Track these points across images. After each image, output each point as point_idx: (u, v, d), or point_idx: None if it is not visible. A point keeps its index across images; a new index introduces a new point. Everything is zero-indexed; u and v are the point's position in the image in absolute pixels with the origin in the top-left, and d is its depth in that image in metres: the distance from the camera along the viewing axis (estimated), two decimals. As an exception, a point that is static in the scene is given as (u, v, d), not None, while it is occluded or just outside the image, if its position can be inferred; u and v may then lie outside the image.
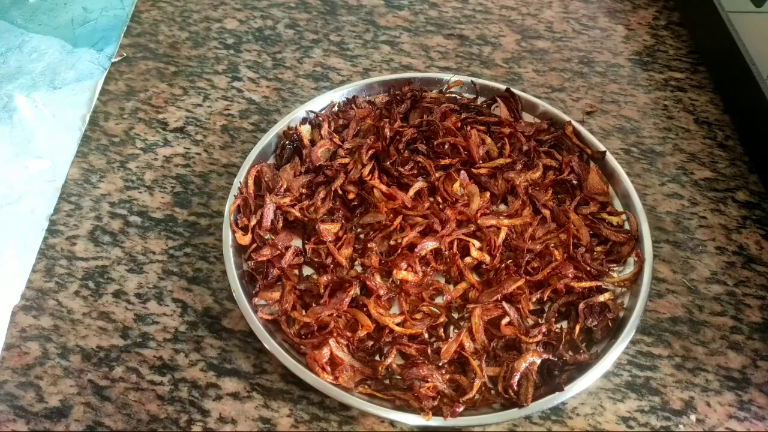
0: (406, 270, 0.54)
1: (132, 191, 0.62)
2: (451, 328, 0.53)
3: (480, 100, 0.67)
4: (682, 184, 0.64)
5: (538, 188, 0.60)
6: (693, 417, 0.50)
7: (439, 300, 0.54)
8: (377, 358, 0.51)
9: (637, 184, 0.63)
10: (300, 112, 0.64)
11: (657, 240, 0.59)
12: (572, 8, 0.74)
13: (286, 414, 0.50)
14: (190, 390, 0.51)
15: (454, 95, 0.67)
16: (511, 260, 0.56)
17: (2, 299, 0.55)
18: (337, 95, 0.66)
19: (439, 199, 0.59)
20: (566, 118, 0.63)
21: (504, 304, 0.53)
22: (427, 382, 0.49)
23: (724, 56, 0.66)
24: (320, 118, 0.64)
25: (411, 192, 0.58)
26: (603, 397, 0.51)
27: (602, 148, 0.61)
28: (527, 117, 0.66)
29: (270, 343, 0.49)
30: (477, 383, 0.49)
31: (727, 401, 0.51)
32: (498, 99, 0.66)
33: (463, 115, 0.65)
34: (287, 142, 0.62)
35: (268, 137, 0.61)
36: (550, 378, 0.49)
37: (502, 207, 0.60)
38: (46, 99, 0.70)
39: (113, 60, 0.73)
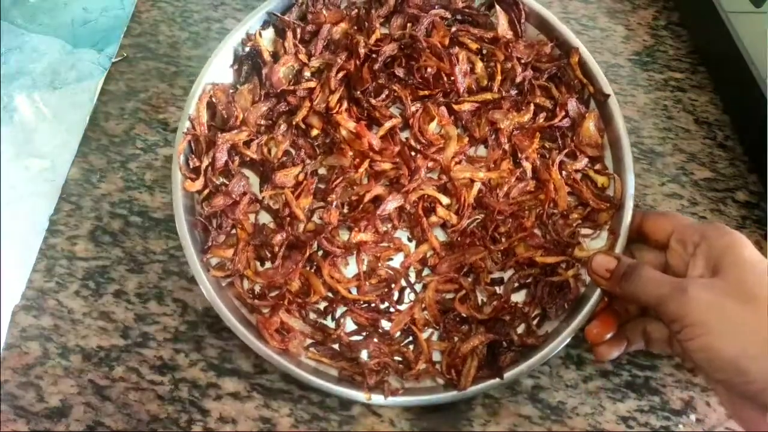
0: (365, 231, 0.52)
1: (132, 191, 0.62)
2: (407, 291, 0.52)
3: (478, 2, 0.59)
4: (682, 184, 0.64)
5: (524, 132, 0.55)
6: (693, 417, 0.50)
7: (397, 261, 0.53)
8: (329, 320, 0.51)
9: (637, 184, 0.63)
10: (260, 14, 0.56)
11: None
12: (572, 8, 0.74)
13: (287, 414, 0.50)
14: (191, 390, 0.51)
15: None
16: (478, 220, 0.53)
17: (2, 299, 0.55)
18: None
19: (412, 142, 0.54)
20: (576, 42, 0.57)
21: (461, 279, 0.51)
22: (375, 357, 0.49)
23: (723, 56, 0.66)
24: (284, 24, 0.56)
25: (381, 131, 0.53)
26: (603, 396, 0.51)
27: (609, 90, 0.55)
28: (531, 31, 0.58)
29: (217, 302, 0.48)
30: (422, 360, 0.49)
31: (726, 401, 0.51)
32: (497, 6, 0.57)
33: (454, 28, 0.56)
34: (246, 55, 0.56)
35: (221, 49, 0.55)
36: (494, 359, 0.49)
37: (481, 151, 0.56)
38: (46, 99, 0.70)
39: (113, 60, 0.73)
